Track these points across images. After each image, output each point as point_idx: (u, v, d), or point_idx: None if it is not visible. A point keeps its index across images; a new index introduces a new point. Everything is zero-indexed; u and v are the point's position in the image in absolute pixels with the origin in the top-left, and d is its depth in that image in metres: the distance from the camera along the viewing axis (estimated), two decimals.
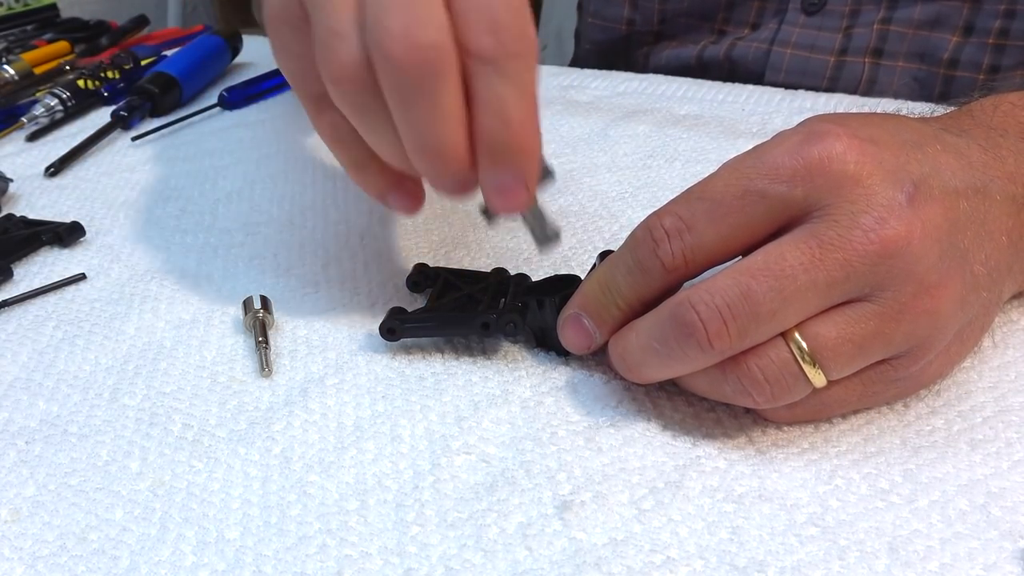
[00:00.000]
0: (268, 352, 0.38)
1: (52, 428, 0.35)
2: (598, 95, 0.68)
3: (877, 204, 0.30)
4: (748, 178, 0.31)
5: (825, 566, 0.28)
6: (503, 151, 0.32)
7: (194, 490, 0.32)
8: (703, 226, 0.31)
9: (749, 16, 0.74)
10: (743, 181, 0.31)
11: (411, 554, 0.29)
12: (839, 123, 0.32)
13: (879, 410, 0.34)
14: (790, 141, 0.31)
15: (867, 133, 0.32)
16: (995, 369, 0.36)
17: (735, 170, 0.32)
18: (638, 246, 0.33)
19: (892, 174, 0.30)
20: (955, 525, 0.29)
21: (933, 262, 0.30)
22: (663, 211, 0.32)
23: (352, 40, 0.31)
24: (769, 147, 0.32)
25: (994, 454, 0.32)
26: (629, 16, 0.78)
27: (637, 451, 0.32)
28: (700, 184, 0.32)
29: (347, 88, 0.32)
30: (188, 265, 0.46)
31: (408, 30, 0.30)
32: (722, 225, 0.31)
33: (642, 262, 0.32)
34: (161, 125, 0.65)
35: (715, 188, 0.32)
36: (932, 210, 0.30)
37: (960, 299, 0.31)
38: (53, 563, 0.29)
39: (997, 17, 0.64)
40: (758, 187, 0.31)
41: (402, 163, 0.34)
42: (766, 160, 0.31)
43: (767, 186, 0.31)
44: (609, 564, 0.28)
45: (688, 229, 0.32)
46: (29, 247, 0.48)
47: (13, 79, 0.73)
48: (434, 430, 0.34)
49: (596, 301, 0.34)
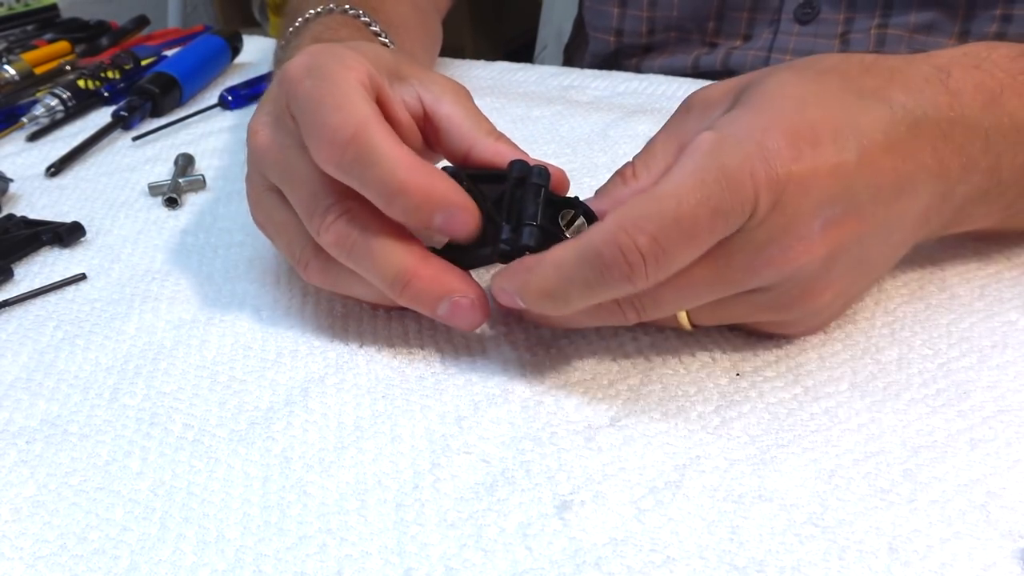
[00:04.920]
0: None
1: (52, 428, 0.35)
2: (598, 95, 0.68)
3: (793, 235, 0.32)
4: (717, 196, 0.30)
5: (825, 566, 0.28)
6: None
7: (194, 490, 0.32)
8: (678, 251, 0.31)
9: (740, 27, 0.73)
10: (713, 200, 0.30)
11: (411, 554, 0.29)
12: (791, 134, 0.31)
13: (879, 410, 0.34)
14: (747, 149, 0.31)
15: (810, 134, 0.32)
16: (995, 369, 0.36)
17: (702, 182, 0.30)
18: (608, 268, 0.30)
19: (817, 205, 0.32)
20: (955, 524, 0.29)
21: (821, 274, 0.33)
22: (634, 227, 0.30)
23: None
24: (729, 152, 0.31)
25: (994, 454, 0.32)
26: (617, 26, 0.78)
27: (637, 451, 0.32)
28: (668, 196, 0.30)
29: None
30: (188, 265, 0.46)
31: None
32: (696, 250, 0.31)
33: (609, 283, 0.31)
34: (161, 125, 0.65)
35: (687, 205, 0.30)
36: (842, 232, 0.33)
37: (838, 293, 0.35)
38: (53, 563, 0.29)
39: (993, 22, 0.64)
40: (725, 207, 0.30)
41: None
42: (731, 175, 0.30)
43: (733, 207, 0.30)
44: (609, 564, 0.28)
45: (664, 253, 0.30)
46: (29, 247, 0.48)
47: (13, 79, 0.73)
48: (434, 430, 0.34)
49: (540, 303, 0.33)
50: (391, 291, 0.36)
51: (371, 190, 0.34)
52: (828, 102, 0.33)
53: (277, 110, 0.38)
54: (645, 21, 0.76)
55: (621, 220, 0.30)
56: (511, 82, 0.72)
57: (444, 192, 0.34)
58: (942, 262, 0.43)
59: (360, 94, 0.35)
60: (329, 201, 0.36)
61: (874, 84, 0.35)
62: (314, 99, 0.35)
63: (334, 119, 0.34)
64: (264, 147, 0.38)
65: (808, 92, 0.34)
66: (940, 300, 0.40)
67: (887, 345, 0.37)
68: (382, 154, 0.34)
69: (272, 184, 0.38)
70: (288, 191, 0.37)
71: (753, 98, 0.34)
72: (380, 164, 0.34)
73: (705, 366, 0.37)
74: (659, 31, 0.76)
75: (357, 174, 0.34)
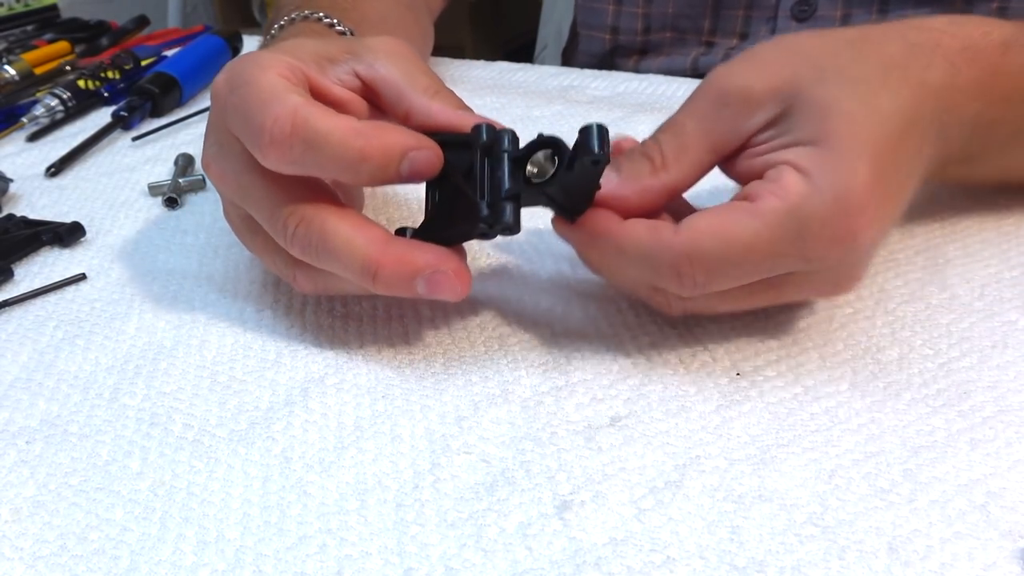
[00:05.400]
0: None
1: (52, 428, 0.35)
2: (598, 95, 0.68)
3: (849, 266, 0.35)
4: (786, 251, 0.33)
5: (825, 566, 0.28)
6: None
7: (194, 490, 0.32)
8: (730, 283, 0.34)
9: (736, 25, 0.73)
10: (781, 253, 0.33)
11: (411, 554, 0.29)
12: (871, 182, 0.33)
13: (880, 410, 0.34)
14: (829, 212, 0.32)
15: (884, 185, 0.33)
16: (995, 369, 0.36)
17: (779, 240, 0.33)
18: (662, 277, 0.34)
19: (873, 243, 0.34)
20: (955, 525, 0.29)
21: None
22: (699, 261, 0.33)
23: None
24: (812, 212, 0.32)
25: (994, 454, 0.32)
26: (613, 23, 0.77)
27: (637, 451, 0.32)
28: (740, 243, 0.33)
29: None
30: (188, 265, 0.46)
31: None
32: (738, 282, 0.34)
33: (661, 283, 0.35)
34: (161, 125, 0.65)
35: (756, 256, 0.33)
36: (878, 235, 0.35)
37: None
38: (53, 563, 0.29)
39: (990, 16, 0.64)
40: (792, 261, 0.34)
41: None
42: (807, 239, 0.33)
43: (799, 262, 0.34)
44: (609, 564, 0.28)
45: (716, 284, 0.34)
46: (29, 247, 0.48)
47: (13, 79, 0.73)
48: (434, 430, 0.34)
49: (592, 266, 0.37)
50: (366, 284, 0.35)
51: (331, 168, 0.34)
52: (892, 135, 0.34)
53: (218, 135, 0.37)
54: (641, 18, 0.76)
55: (690, 250, 0.33)
56: (511, 82, 0.72)
57: (400, 141, 0.34)
58: (943, 262, 0.43)
59: (283, 86, 0.35)
60: (286, 213, 0.35)
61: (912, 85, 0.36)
62: (242, 109, 0.35)
63: (267, 119, 0.33)
64: (219, 179, 0.38)
65: (876, 132, 0.34)
66: (940, 300, 0.40)
67: (887, 345, 0.37)
68: (329, 131, 0.33)
69: (242, 211, 0.38)
70: (253, 213, 0.37)
71: (827, 132, 0.33)
72: (330, 141, 0.33)
73: (705, 366, 0.37)
74: (655, 29, 0.76)
75: (312, 160, 0.34)
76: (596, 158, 0.32)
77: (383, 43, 0.39)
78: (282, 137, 0.33)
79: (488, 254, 0.46)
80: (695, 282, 0.34)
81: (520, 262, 0.45)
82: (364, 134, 0.34)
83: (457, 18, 1.94)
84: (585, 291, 0.42)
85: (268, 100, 0.34)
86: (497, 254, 0.46)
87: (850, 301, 0.40)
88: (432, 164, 0.35)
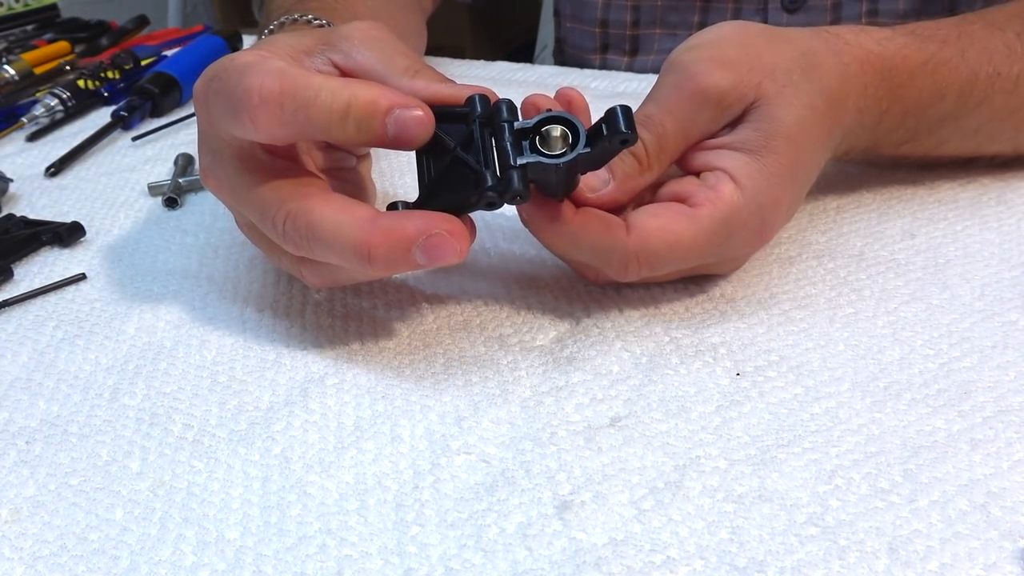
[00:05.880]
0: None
1: (52, 428, 0.35)
2: (598, 95, 0.67)
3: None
4: (716, 255, 0.39)
5: (825, 566, 0.28)
6: None
7: (194, 490, 0.32)
8: (661, 274, 0.40)
9: (726, 16, 0.73)
10: (712, 258, 0.40)
11: (411, 554, 0.29)
12: (791, 193, 0.40)
13: (880, 410, 0.34)
14: (756, 227, 0.39)
15: (799, 189, 0.41)
16: (995, 369, 0.36)
17: (709, 246, 0.38)
18: (609, 265, 0.38)
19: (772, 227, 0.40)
20: (955, 525, 0.29)
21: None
22: (644, 259, 0.37)
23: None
24: (741, 225, 0.38)
25: (994, 454, 0.32)
26: (602, 17, 0.77)
27: (637, 451, 0.32)
28: (680, 247, 0.37)
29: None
30: (188, 265, 0.46)
31: None
32: (671, 273, 0.40)
33: (605, 269, 0.39)
34: (161, 125, 0.65)
35: (690, 258, 0.39)
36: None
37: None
38: (53, 563, 0.29)
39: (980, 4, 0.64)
40: (714, 257, 0.40)
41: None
42: (735, 244, 0.39)
43: (720, 257, 0.40)
44: (609, 564, 0.28)
45: (650, 273, 0.39)
46: (29, 247, 0.48)
47: (13, 79, 0.73)
48: (434, 430, 0.34)
49: (545, 242, 0.39)
50: (364, 268, 0.34)
51: (320, 123, 0.33)
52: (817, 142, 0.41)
53: (209, 143, 0.37)
54: (630, 11, 0.75)
55: (639, 250, 0.37)
56: (511, 82, 0.72)
57: (387, 96, 0.34)
58: (943, 262, 0.43)
59: (262, 57, 0.35)
60: (274, 210, 0.35)
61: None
62: (224, 90, 0.34)
63: (252, 82, 0.33)
64: (216, 187, 0.38)
65: (806, 153, 0.40)
66: (941, 300, 0.40)
67: (888, 345, 0.37)
68: (317, 87, 0.33)
69: (245, 217, 0.38)
70: (250, 217, 0.37)
71: (769, 149, 0.38)
72: (319, 95, 0.33)
73: (705, 366, 0.37)
74: (644, 23, 0.76)
75: (303, 118, 0.33)
76: (625, 136, 0.33)
77: (357, 29, 0.39)
78: (271, 95, 0.33)
79: (488, 254, 0.46)
80: (638, 273, 0.38)
81: (520, 262, 0.45)
82: (351, 85, 0.33)
83: (457, 18, 1.94)
84: (585, 291, 0.42)
85: (250, 70, 0.34)
86: (497, 254, 0.46)
87: (851, 301, 0.40)
88: (421, 124, 0.34)
